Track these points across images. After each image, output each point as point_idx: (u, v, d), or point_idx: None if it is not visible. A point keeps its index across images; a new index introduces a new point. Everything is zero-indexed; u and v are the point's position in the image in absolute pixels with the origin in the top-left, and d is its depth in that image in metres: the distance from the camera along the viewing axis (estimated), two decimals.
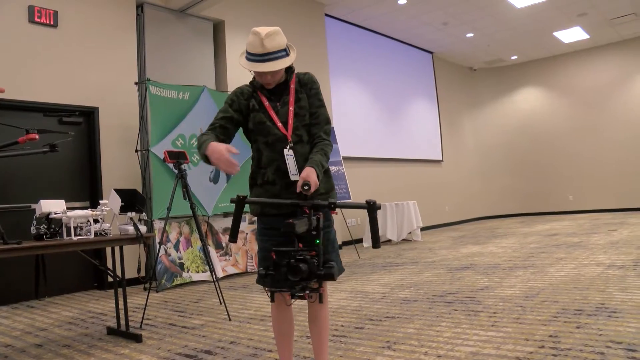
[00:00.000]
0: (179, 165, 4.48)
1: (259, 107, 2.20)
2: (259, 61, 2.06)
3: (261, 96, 2.21)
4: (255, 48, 2.04)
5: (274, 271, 1.92)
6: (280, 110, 2.18)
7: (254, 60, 2.06)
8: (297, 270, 1.85)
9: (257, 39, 2.04)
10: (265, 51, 2.04)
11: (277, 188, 2.15)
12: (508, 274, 5.15)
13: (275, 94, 2.21)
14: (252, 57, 2.07)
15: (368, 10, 9.77)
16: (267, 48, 2.03)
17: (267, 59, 2.05)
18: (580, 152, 13.35)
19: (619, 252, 6.00)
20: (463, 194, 13.75)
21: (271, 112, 2.18)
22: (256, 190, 2.21)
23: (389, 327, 3.45)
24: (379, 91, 10.97)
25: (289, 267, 1.86)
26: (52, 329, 4.09)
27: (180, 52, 6.95)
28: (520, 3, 9.77)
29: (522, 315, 3.45)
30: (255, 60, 2.06)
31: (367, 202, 1.93)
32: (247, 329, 3.69)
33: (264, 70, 2.06)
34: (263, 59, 2.05)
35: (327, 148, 2.20)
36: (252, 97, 2.22)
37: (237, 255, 6.47)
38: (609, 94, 13.02)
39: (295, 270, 1.85)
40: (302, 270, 1.85)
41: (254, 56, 2.06)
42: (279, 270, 1.90)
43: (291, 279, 1.86)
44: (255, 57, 2.06)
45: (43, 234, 3.23)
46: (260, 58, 2.05)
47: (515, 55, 13.63)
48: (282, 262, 1.90)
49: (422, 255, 7.22)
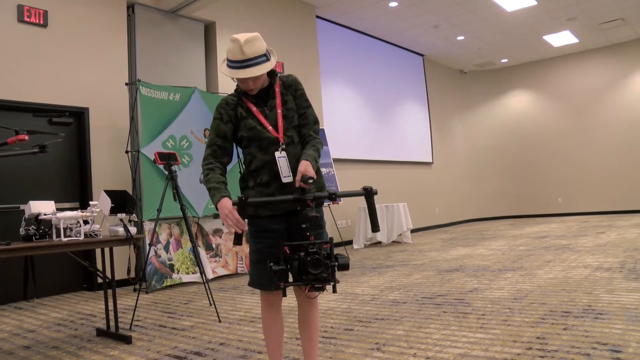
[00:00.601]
0: (169, 166, 4.47)
1: (247, 113, 2.21)
2: (239, 67, 2.07)
3: (247, 103, 2.22)
4: (235, 55, 2.06)
5: (286, 265, 1.95)
6: (269, 114, 2.20)
7: (235, 67, 2.08)
8: (319, 262, 1.90)
9: (236, 45, 2.05)
10: (245, 57, 2.06)
11: (272, 190, 2.16)
12: (497, 276, 5.18)
13: (260, 99, 2.23)
14: (232, 64, 2.09)
15: (359, 13, 9.81)
16: (246, 54, 2.05)
17: (247, 65, 2.07)
18: (570, 155, 13.47)
19: (606, 254, 6.06)
20: (453, 196, 13.82)
21: (260, 116, 2.19)
22: (248, 193, 2.21)
23: (378, 328, 3.47)
24: (370, 93, 11.00)
25: (308, 261, 1.90)
26: (41, 330, 4.07)
27: (171, 53, 6.94)
28: (510, 7, 9.85)
29: (510, 317, 3.47)
30: (236, 67, 2.08)
31: (364, 189, 1.97)
32: (237, 330, 3.69)
33: (244, 76, 2.08)
34: (243, 65, 2.07)
35: (319, 145, 2.24)
36: (238, 105, 2.23)
37: (228, 256, 6.47)
38: (598, 98, 13.14)
39: (317, 263, 1.90)
40: (322, 263, 1.90)
41: (234, 63, 2.08)
42: (291, 264, 1.94)
43: (313, 272, 1.90)
44: (236, 63, 2.07)
45: (32, 235, 3.22)
46: (240, 65, 2.07)
47: (506, 59, 13.73)
48: (295, 256, 1.93)
49: (412, 257, 7.25)
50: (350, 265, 1.98)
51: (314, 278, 1.91)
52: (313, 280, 1.92)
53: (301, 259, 1.91)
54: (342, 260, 1.96)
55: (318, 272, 1.90)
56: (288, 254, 1.96)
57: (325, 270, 1.91)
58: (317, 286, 1.93)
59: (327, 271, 1.92)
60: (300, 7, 9.00)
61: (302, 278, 1.93)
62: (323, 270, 1.90)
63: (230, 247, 6.50)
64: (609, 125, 12.98)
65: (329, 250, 1.95)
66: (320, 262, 1.89)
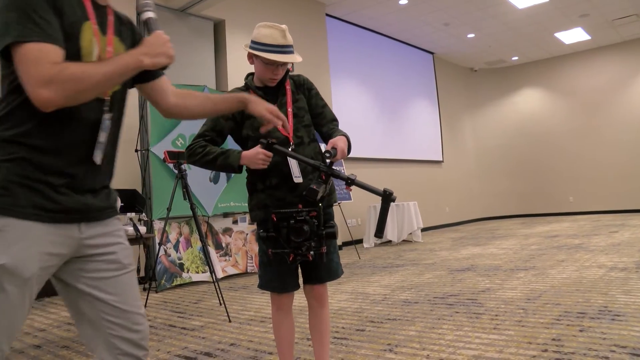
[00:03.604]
0: (179, 165, 4.46)
1: None
2: (280, 52, 2.05)
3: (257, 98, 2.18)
4: (276, 40, 2.04)
5: (275, 233, 1.92)
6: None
7: (274, 52, 2.05)
8: (300, 231, 1.87)
9: (276, 31, 2.05)
10: (287, 43, 2.06)
11: (282, 192, 2.11)
12: (509, 275, 5.12)
13: (269, 95, 2.17)
14: (271, 48, 2.05)
15: (369, 11, 9.75)
16: (288, 40, 2.06)
17: (287, 51, 2.06)
18: (581, 153, 13.33)
19: (620, 254, 5.98)
20: (463, 194, 13.74)
21: None
22: (258, 196, 2.17)
23: (390, 329, 3.43)
24: (379, 91, 10.94)
25: (291, 228, 1.88)
26: (51, 329, 4.06)
27: (180, 51, 6.92)
28: (521, 4, 9.75)
29: (524, 318, 3.42)
30: (276, 51, 2.05)
31: (384, 191, 1.88)
32: (247, 330, 3.66)
33: (285, 60, 2.06)
34: (284, 51, 2.05)
35: (346, 134, 2.17)
36: None
37: (237, 255, 6.45)
38: (610, 96, 12.99)
39: (298, 231, 1.87)
40: (304, 231, 1.87)
41: (273, 47, 2.05)
42: (279, 232, 1.91)
43: (294, 240, 1.88)
44: (276, 48, 2.05)
45: None
46: (280, 49, 2.05)
47: (516, 56, 13.61)
48: (283, 224, 1.91)
49: (423, 257, 7.20)
50: (337, 234, 1.97)
51: (294, 246, 1.90)
52: (294, 248, 1.91)
53: (290, 226, 1.90)
54: (328, 230, 1.94)
55: (300, 240, 1.88)
56: (275, 221, 1.93)
57: (310, 239, 1.89)
58: (299, 254, 1.92)
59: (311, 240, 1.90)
60: (310, 5, 8.96)
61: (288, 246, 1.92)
62: (306, 239, 1.88)
63: (240, 247, 6.48)
64: (620, 123, 12.83)
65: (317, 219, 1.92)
66: (302, 231, 1.87)
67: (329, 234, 1.93)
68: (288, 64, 2.11)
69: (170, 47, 1.32)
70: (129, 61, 1.25)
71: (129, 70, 1.26)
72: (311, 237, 1.89)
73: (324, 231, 1.92)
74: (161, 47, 1.30)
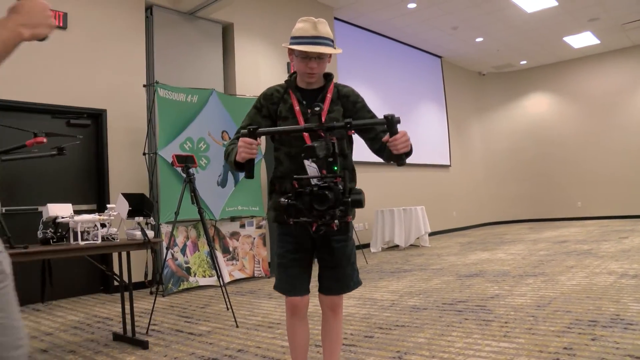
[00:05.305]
0: (187, 169, 4.45)
1: (288, 113, 2.11)
2: (311, 43, 2.01)
3: (293, 99, 2.12)
4: (307, 31, 2.02)
5: (296, 200, 1.78)
6: (311, 118, 2.06)
7: (305, 43, 2.01)
8: (324, 197, 1.73)
9: (308, 24, 2.03)
10: (318, 34, 2.02)
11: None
12: (518, 281, 5.07)
13: (308, 99, 2.12)
14: (302, 40, 2.02)
15: (377, 14, 9.73)
16: (320, 31, 2.02)
17: (319, 43, 2.01)
18: (589, 158, 13.23)
19: (631, 260, 5.92)
20: (471, 199, 13.66)
21: (300, 118, 2.09)
22: (275, 198, 2.16)
23: (399, 336, 3.39)
24: (387, 95, 10.91)
25: (315, 195, 1.73)
26: (58, 333, 4.05)
27: (189, 54, 6.92)
28: (530, 8, 9.70)
29: (534, 326, 3.38)
30: (307, 42, 2.01)
31: (385, 117, 1.79)
32: (255, 336, 3.64)
33: (315, 50, 2.00)
34: (315, 42, 2.01)
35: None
36: (282, 101, 2.13)
37: (245, 259, 6.43)
38: (619, 100, 12.90)
39: (322, 198, 1.73)
40: (329, 198, 1.72)
41: (305, 39, 2.02)
42: (301, 199, 1.77)
43: (317, 208, 1.74)
44: (307, 39, 2.01)
45: (50, 238, 3.20)
46: (312, 40, 2.01)
47: (525, 60, 13.54)
48: (306, 190, 1.77)
49: (431, 262, 7.15)
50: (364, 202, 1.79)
51: (318, 214, 1.75)
52: (317, 217, 1.76)
53: (313, 193, 1.75)
54: (354, 197, 1.79)
55: (324, 209, 1.73)
56: (297, 188, 1.79)
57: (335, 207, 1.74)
58: (323, 224, 1.78)
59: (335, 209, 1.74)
60: (319, 8, 8.95)
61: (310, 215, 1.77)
62: (330, 207, 1.73)
63: (247, 251, 6.46)
64: (629, 128, 12.72)
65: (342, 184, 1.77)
66: (326, 197, 1.72)
67: (355, 202, 1.79)
68: (325, 58, 2.06)
69: (50, 15, 1.14)
70: (7, 37, 1.08)
71: (9, 48, 1.09)
72: (336, 205, 1.74)
73: (350, 198, 1.78)
74: (41, 15, 1.13)
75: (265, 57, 7.88)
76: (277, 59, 7.97)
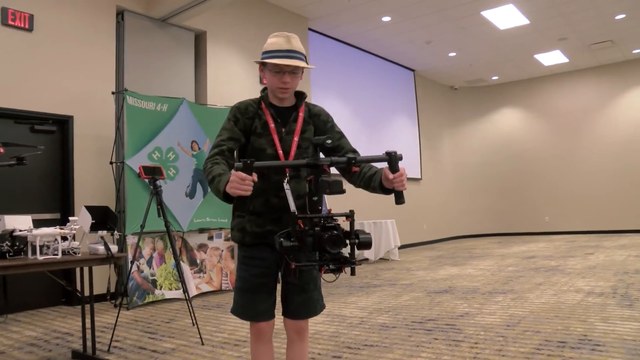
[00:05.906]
0: (154, 181, 4.33)
1: (262, 130, 2.04)
2: (284, 57, 1.98)
3: (267, 115, 2.07)
4: (281, 45, 2.00)
5: (298, 242, 1.65)
6: (285, 137, 2.04)
7: (279, 57, 1.99)
8: (338, 240, 1.63)
9: (281, 38, 2.01)
10: (292, 48, 2.00)
11: (262, 221, 2.02)
12: (487, 299, 5.07)
13: (282, 117, 2.08)
14: (275, 54, 1.99)
15: (352, 26, 9.74)
16: (293, 45, 2.00)
17: (292, 56, 1.99)
18: (557, 174, 13.48)
19: (597, 277, 5.99)
20: (441, 212, 13.74)
21: (275, 136, 2.04)
22: (239, 219, 2.08)
23: (368, 356, 3.33)
24: (359, 107, 10.92)
25: (328, 238, 1.62)
26: (11, 351, 3.86)
27: (160, 62, 6.79)
28: (503, 25, 9.85)
29: (504, 347, 3.36)
30: (280, 56, 1.98)
31: (386, 153, 1.79)
32: (220, 354, 3.53)
33: (289, 63, 1.98)
34: (289, 55, 1.99)
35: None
36: (257, 116, 2.07)
37: (212, 272, 6.30)
38: (586, 118, 13.19)
39: (336, 240, 1.63)
40: (343, 241, 1.63)
41: (278, 52, 1.99)
42: (304, 242, 1.65)
43: (331, 252, 1.63)
44: (281, 52, 1.99)
45: (6, 252, 3.04)
46: (286, 54, 1.99)
47: (496, 76, 13.75)
48: (309, 232, 1.65)
49: (400, 276, 7.13)
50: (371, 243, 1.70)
51: (332, 258, 1.64)
52: (331, 260, 1.65)
53: (316, 234, 1.64)
54: (363, 238, 1.69)
55: (337, 252, 1.63)
56: (302, 229, 1.67)
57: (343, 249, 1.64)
58: (335, 267, 1.67)
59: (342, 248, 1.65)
60: (293, 19, 8.91)
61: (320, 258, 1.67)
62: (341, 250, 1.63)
63: (215, 263, 6.33)
64: (595, 145, 13.02)
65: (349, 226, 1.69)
66: (340, 239, 1.63)
67: (364, 244, 1.69)
68: (298, 73, 2.04)
69: None
70: None
71: None
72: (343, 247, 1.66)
73: (358, 240, 1.69)
74: None
75: (238, 67, 7.80)
76: (250, 69, 7.89)
